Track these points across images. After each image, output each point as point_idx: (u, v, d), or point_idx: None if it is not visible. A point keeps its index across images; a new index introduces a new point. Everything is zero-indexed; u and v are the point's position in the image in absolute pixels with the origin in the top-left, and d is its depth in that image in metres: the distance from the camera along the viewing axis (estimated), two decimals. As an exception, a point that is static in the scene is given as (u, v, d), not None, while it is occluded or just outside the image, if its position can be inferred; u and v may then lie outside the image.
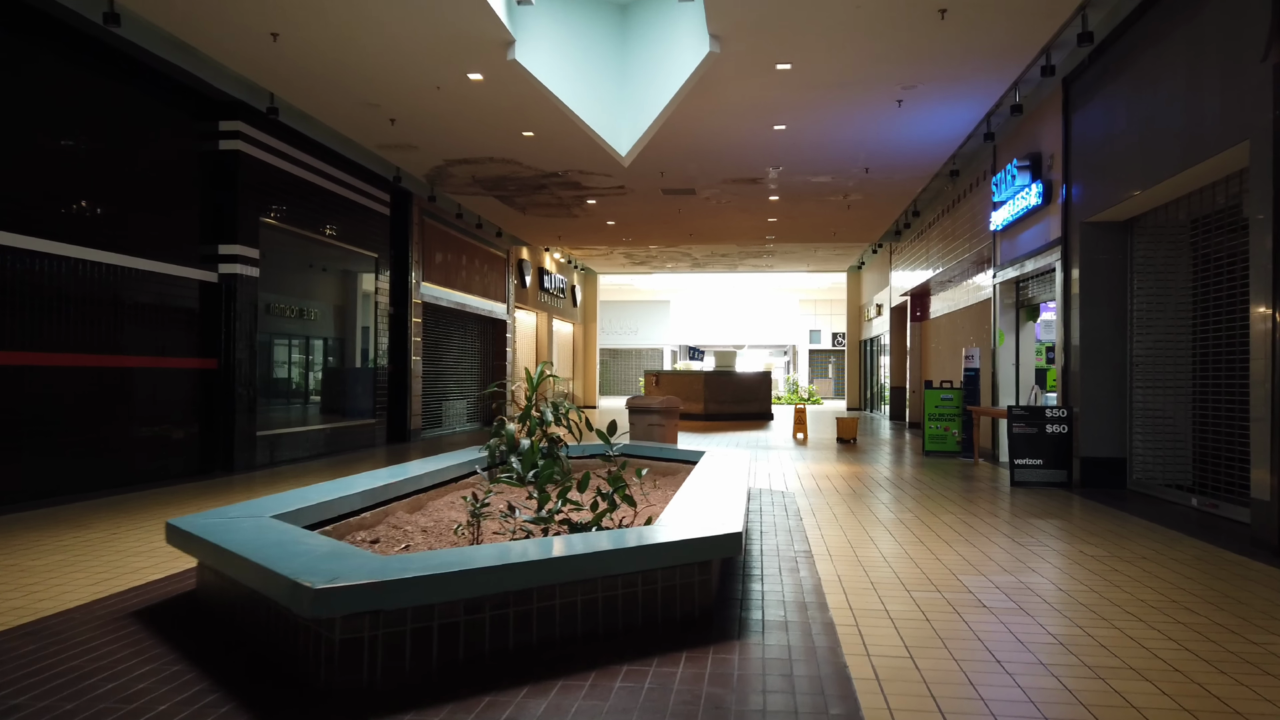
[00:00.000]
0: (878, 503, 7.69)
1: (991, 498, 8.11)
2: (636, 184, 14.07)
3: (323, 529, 4.67)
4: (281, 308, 10.99)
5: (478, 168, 13.02)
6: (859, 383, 28.35)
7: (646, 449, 8.51)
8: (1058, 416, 8.92)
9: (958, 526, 6.48)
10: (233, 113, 9.83)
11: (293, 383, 11.37)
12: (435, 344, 16.36)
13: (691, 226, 18.14)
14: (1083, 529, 6.44)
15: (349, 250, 12.61)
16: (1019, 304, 11.69)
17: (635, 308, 40.29)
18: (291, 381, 11.35)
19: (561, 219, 17.13)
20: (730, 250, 24.04)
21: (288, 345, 11.23)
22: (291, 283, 11.23)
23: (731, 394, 22.18)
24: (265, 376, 10.57)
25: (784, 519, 6.70)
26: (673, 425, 9.26)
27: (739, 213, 16.52)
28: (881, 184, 14.05)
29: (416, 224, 14.82)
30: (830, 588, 4.55)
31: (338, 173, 12.14)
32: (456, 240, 16.84)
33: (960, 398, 12.32)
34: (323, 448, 11.78)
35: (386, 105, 10.07)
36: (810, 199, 15.15)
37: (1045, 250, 9.88)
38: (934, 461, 11.56)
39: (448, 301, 16.34)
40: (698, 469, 6.91)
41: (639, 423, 9.29)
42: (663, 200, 15.36)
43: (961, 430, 12.09)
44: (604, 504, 4.57)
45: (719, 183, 13.95)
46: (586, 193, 14.68)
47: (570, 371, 29.41)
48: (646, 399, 9.28)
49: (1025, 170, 10.14)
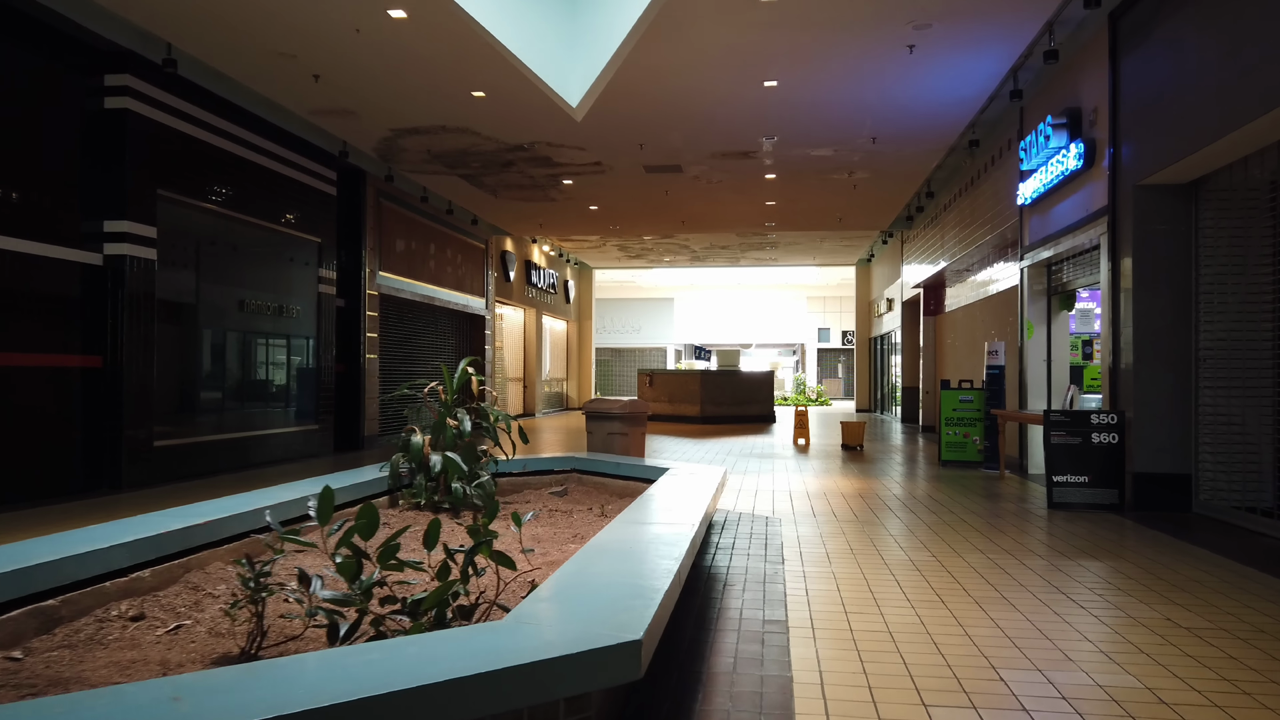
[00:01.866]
0: (885, 535, 6.10)
1: (1027, 526, 6.50)
2: (614, 159, 12.51)
3: (52, 597, 3.11)
4: (191, 298, 9.49)
5: (432, 140, 11.49)
6: (868, 383, 26.71)
7: (601, 463, 6.96)
8: (1106, 423, 7.30)
9: (990, 573, 4.89)
10: (120, 64, 8.32)
11: (206, 385, 9.85)
12: (398, 341, 14.85)
13: (683, 212, 16.57)
14: (1157, 576, 4.83)
15: (283, 233, 11.09)
16: (1050, 291, 10.06)
17: (638, 306, 38.81)
18: (204, 383, 9.83)
19: (539, 203, 15.59)
20: (730, 242, 22.44)
21: (201, 341, 9.72)
22: (206, 269, 9.72)
23: (731, 395, 20.59)
24: (168, 377, 9.06)
25: (760, 563, 5.12)
26: (638, 434, 7.70)
27: (733, 195, 14.93)
28: (891, 158, 12.44)
29: (372, 207, 13.30)
30: (807, 703, 2.97)
31: (267, 143, 10.63)
32: (423, 227, 15.32)
33: (982, 399, 10.70)
34: (246, 459, 10.26)
35: (305, 56, 8.54)
36: (811, 177, 13.55)
37: (1086, 224, 8.26)
38: (952, 474, 9.95)
39: (412, 294, 14.82)
40: (649, 494, 5.35)
41: (597, 431, 7.74)
42: (646, 180, 13.80)
43: (984, 437, 10.47)
44: (456, 569, 3.01)
45: (707, 157, 12.37)
46: (560, 170, 13.14)
47: (564, 372, 27.90)
48: (605, 403, 7.71)
49: (1061, 129, 8.52)
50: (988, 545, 5.69)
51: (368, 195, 13.14)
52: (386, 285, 13.83)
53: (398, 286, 14.26)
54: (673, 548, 3.51)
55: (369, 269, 13.20)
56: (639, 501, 4.98)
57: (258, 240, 10.62)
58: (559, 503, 6.41)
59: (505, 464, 6.82)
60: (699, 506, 4.83)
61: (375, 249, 13.42)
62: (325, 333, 12.08)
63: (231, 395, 10.22)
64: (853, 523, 6.53)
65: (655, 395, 21.24)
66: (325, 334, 12.08)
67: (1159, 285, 7.26)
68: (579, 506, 6.20)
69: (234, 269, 10.19)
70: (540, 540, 4.96)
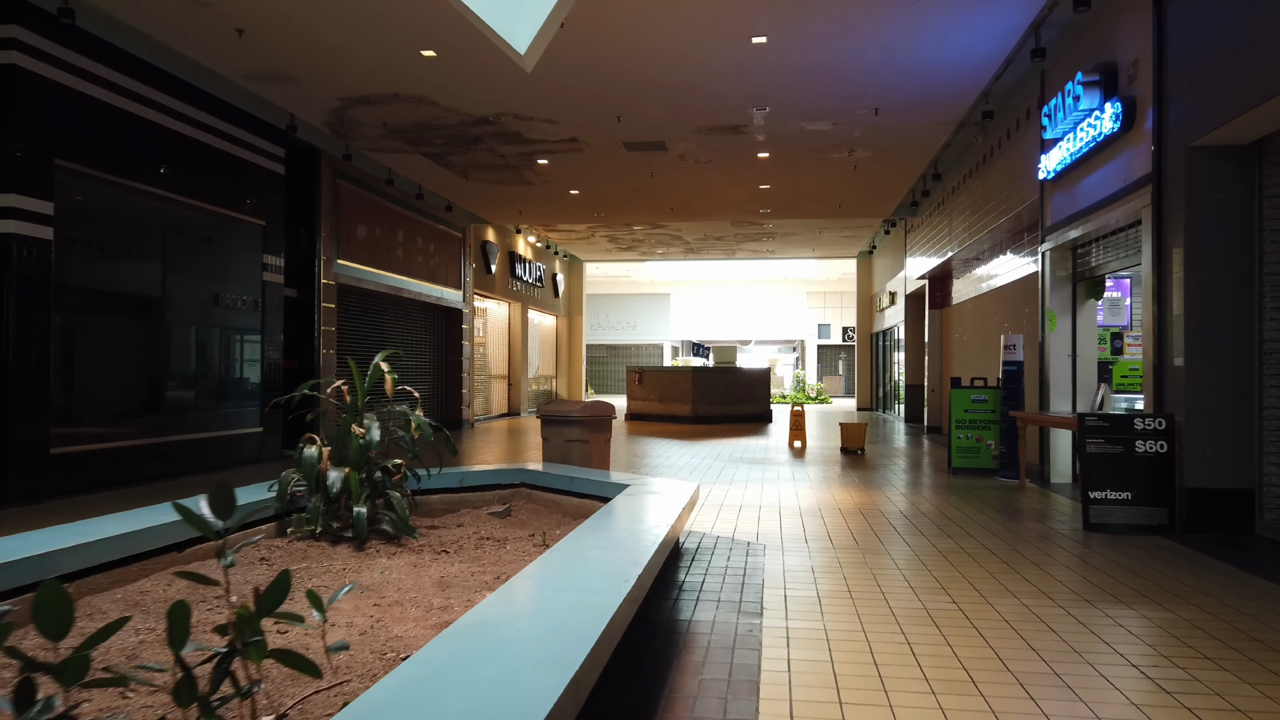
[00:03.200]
0: (891, 569, 4.97)
1: (1063, 556, 5.38)
2: (591, 135, 11.37)
3: None
4: (103, 284, 8.37)
5: (386, 111, 10.36)
6: (870, 380, 25.57)
7: (552, 477, 5.84)
8: (1152, 429, 6.17)
9: (1029, 629, 3.77)
10: (6, 14, 7.20)
11: (122, 383, 8.73)
12: (361, 335, 13.72)
13: (671, 197, 15.42)
14: (1247, 635, 3.71)
15: (220, 214, 9.97)
16: (1076, 276, 8.93)
17: (633, 301, 37.75)
18: (120, 382, 8.71)
19: (514, 187, 14.44)
20: (725, 232, 21.32)
21: (115, 333, 8.60)
22: (120, 251, 8.60)
23: (725, 393, 19.46)
24: (71, 375, 7.95)
25: (732, 614, 3.99)
26: (601, 442, 6.57)
27: (724, 177, 13.79)
28: (895, 134, 11.29)
29: (328, 188, 12.18)
30: None
31: (198, 113, 9.50)
32: (389, 212, 14.19)
33: (997, 400, 9.58)
34: (172, 467, 9.14)
35: (222, 4, 7.41)
36: (808, 156, 12.41)
37: (1123, 196, 7.12)
38: (965, 483, 8.82)
39: (377, 284, 13.70)
40: (597, 521, 4.24)
41: (553, 438, 6.60)
42: (629, 161, 12.67)
43: (1000, 441, 9.34)
44: (204, 682, 1.88)
45: (693, 132, 11.23)
46: (533, 148, 12.00)
47: (553, 369, 26.78)
48: (563, 405, 6.57)
49: (1093, 87, 7.38)
50: (1020, 585, 4.57)
51: (323, 176, 12.02)
52: (346, 274, 12.71)
53: (360, 276, 13.13)
54: (591, 621, 2.39)
55: (325, 256, 12.07)
56: (577, 534, 3.86)
57: (187, 221, 9.49)
58: (496, 526, 5.30)
59: (440, 478, 5.71)
60: (657, 535, 3.71)
61: (332, 235, 12.29)
62: (272, 325, 10.95)
63: (154, 395, 9.09)
64: (851, 551, 5.41)
65: (645, 394, 20.12)
66: (272, 326, 10.95)
67: (1216, 266, 6.13)
68: (518, 532, 5.08)
69: (156, 253, 9.06)
70: (448, 585, 3.85)
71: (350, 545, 4.58)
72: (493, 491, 5.98)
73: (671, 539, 4.16)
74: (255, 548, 4.45)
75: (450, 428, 16.96)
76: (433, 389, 16.83)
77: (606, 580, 2.93)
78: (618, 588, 2.85)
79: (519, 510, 5.79)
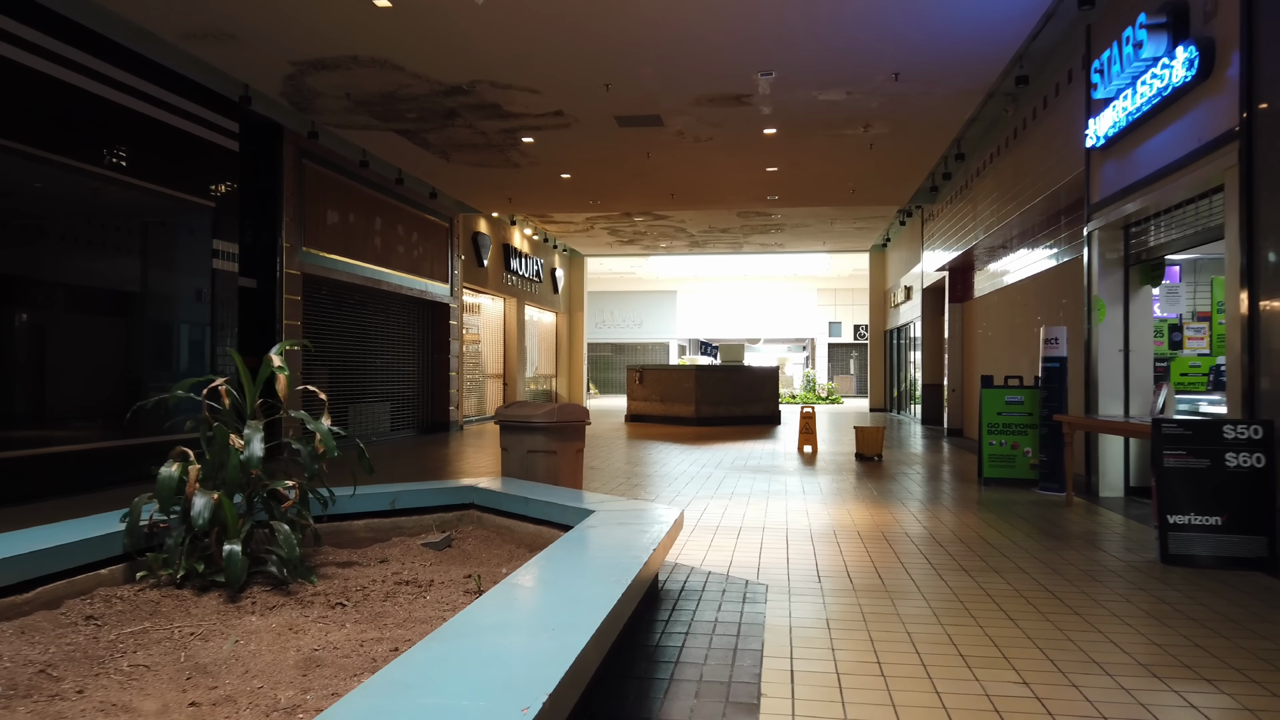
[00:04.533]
0: (930, 626, 3.84)
1: (1148, 600, 4.23)
2: (578, 107, 10.26)
3: None
4: (21, 271, 7.32)
5: (347, 79, 9.27)
6: (883, 380, 24.40)
7: (506, 497, 4.73)
8: (1247, 439, 5.01)
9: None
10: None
11: (29, 384, 7.67)
12: (334, 330, 12.66)
13: (670, 181, 14.30)
14: None
15: (162, 194, 8.90)
16: (1129, 260, 7.77)
17: (638, 299, 36.74)
18: (44, 382, 7.65)
19: (499, 169, 13.34)
20: (731, 224, 20.19)
21: (23, 327, 7.55)
22: (42, 234, 7.54)
23: (730, 393, 18.33)
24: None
25: (715, 705, 2.86)
26: (571, 453, 5.45)
27: (728, 158, 12.66)
28: (916, 105, 10.14)
29: (292, 169, 11.11)
30: None
31: (128, 77, 8.44)
32: (365, 197, 13.12)
33: (1036, 401, 8.43)
34: (83, 481, 8.08)
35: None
36: (819, 132, 11.27)
37: (1197, 159, 5.96)
38: (1001, 496, 7.67)
39: (351, 275, 12.63)
40: (547, 558, 3.14)
41: (514, 447, 5.48)
42: (622, 139, 11.55)
43: (1040, 448, 8.19)
44: None
45: (691, 103, 10.10)
46: (515, 123, 10.89)
47: (552, 368, 25.71)
48: (524, 409, 5.45)
49: (1159, 31, 6.22)
50: (1106, 651, 3.43)
51: (285, 155, 10.95)
52: (314, 264, 11.63)
53: (331, 266, 12.06)
54: None
55: (288, 244, 11.00)
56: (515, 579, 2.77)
57: (122, 201, 8.43)
58: (428, 562, 4.20)
59: (366, 498, 4.63)
60: (607, 599, 2.60)
61: (297, 220, 11.22)
62: (224, 319, 9.88)
63: (73, 398, 8.03)
64: (877, 595, 4.27)
65: (646, 394, 19.01)
66: (224, 320, 9.88)
67: (1325, 237, 4.97)
68: (451, 571, 3.98)
69: (85, 236, 8.00)
70: (316, 666, 2.75)
71: (221, 594, 3.48)
72: (434, 515, 4.87)
73: (642, 584, 3.06)
74: (86, 600, 3.36)
75: (437, 430, 15.89)
76: (417, 389, 15.76)
77: (532, 666, 1.85)
78: (543, 679, 1.77)
79: (464, 538, 4.69)
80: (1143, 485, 7.63)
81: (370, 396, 13.80)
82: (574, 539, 3.64)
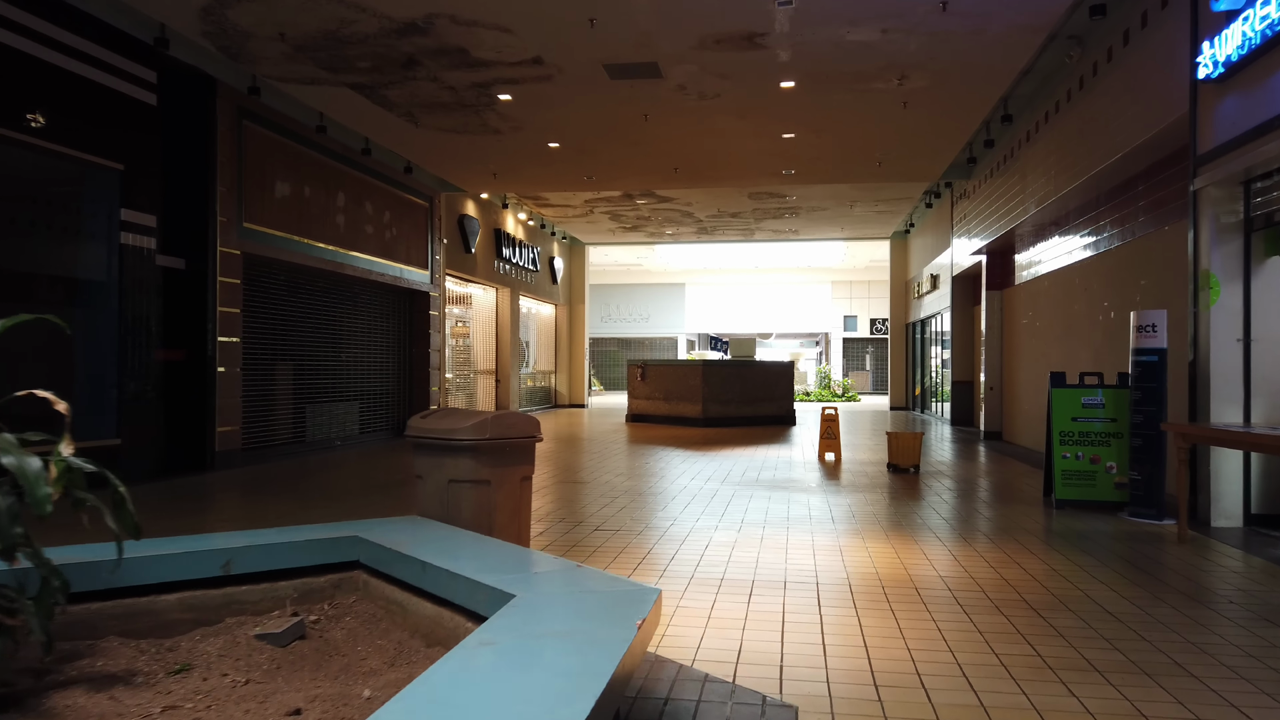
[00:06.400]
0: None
1: None
2: (559, 54, 8.63)
3: None
4: None
5: (276, 11, 7.65)
6: (905, 376, 22.69)
7: (403, 558, 3.10)
8: None
9: None
10: None
11: None
12: (286, 320, 11.07)
13: (673, 152, 12.64)
14: None
15: (49, 151, 7.33)
16: (1251, 224, 6.09)
17: (646, 291, 35.18)
18: None
19: (476, 136, 11.70)
20: (742, 207, 18.52)
21: None
22: None
23: (740, 391, 16.68)
24: None
25: None
26: (513, 483, 3.80)
27: (737, 122, 10.99)
28: (964, 47, 8.45)
29: (229, 130, 9.52)
30: None
31: (8, 9, 6.86)
32: (323, 168, 11.53)
33: (1124, 404, 6.76)
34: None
35: None
36: (845, 86, 9.59)
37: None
38: (1083, 526, 6.02)
39: (308, 257, 11.04)
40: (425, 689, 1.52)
41: (431, 474, 3.85)
42: (614, 95, 9.91)
43: (1130, 463, 6.51)
44: None
45: (693, 46, 8.45)
46: (487, 74, 9.26)
47: (551, 363, 24.12)
48: (445, 419, 3.79)
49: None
50: None
51: (220, 113, 9.36)
52: (259, 242, 10.05)
53: (281, 245, 10.47)
54: None
55: (223, 217, 9.42)
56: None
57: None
58: (256, 669, 2.59)
59: (186, 560, 3.03)
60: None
61: (235, 190, 9.63)
62: (138, 304, 8.32)
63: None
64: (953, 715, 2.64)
65: (649, 392, 17.39)
66: (138, 306, 8.31)
67: None
68: (280, 700, 2.37)
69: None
70: None
71: None
72: (297, 581, 3.26)
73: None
74: None
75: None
76: (393, 386, 14.18)
77: None
78: None
79: (334, 620, 3.08)
80: (1270, 513, 5.97)
81: (334, 395, 12.22)
82: (495, 636, 2.03)
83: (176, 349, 9.06)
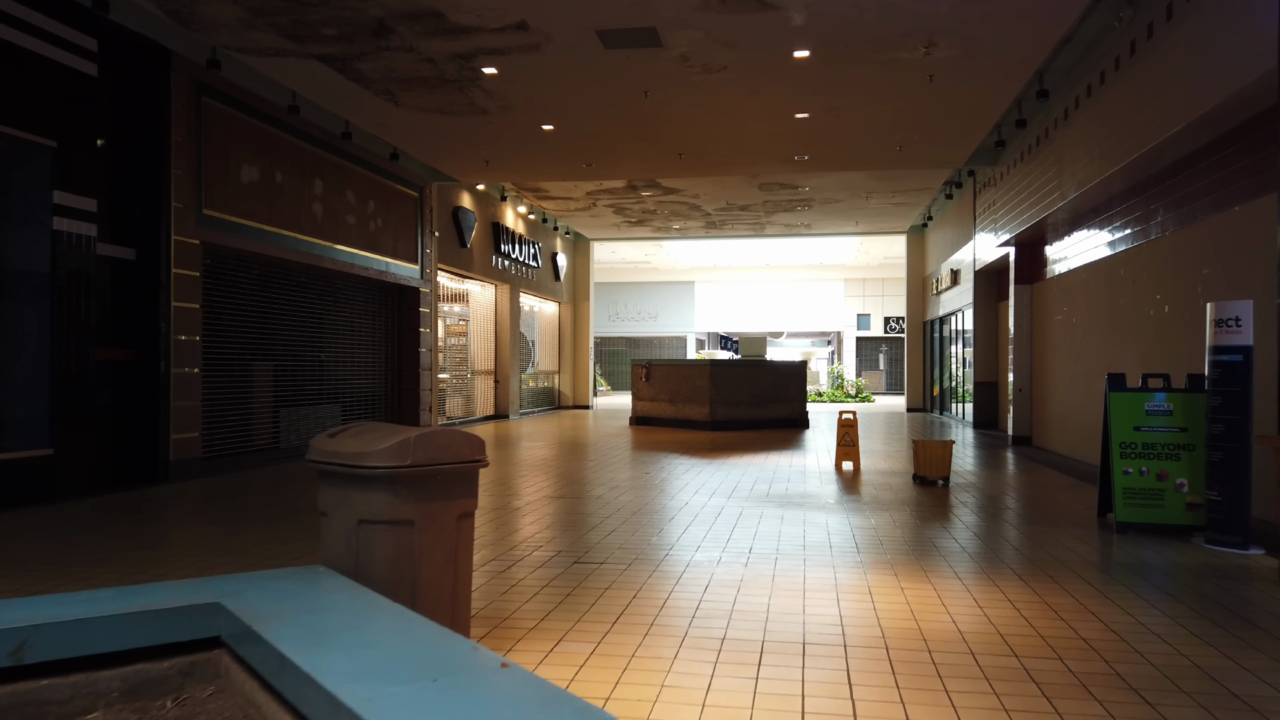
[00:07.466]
0: None
1: None
2: (546, 15, 7.70)
3: None
4: None
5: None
6: (922, 376, 21.69)
7: (261, 645, 2.20)
8: None
9: None
10: None
11: None
12: (255, 316, 10.18)
13: (676, 135, 11.70)
14: None
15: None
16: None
17: (654, 290, 34.35)
18: None
19: (466, 119, 10.80)
20: (752, 199, 17.56)
21: None
22: None
23: (750, 392, 15.73)
24: None
25: None
26: (447, 524, 2.90)
27: (746, 99, 10.04)
28: (999, 9, 7.48)
29: (185, 107, 8.64)
30: None
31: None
32: (298, 152, 10.65)
33: (1198, 410, 5.80)
34: None
35: None
36: (866, 55, 8.63)
37: None
38: (1154, 558, 5.06)
39: (279, 249, 10.15)
40: None
41: (337, 511, 2.94)
42: (610, 69, 8.98)
43: (1208, 481, 5.54)
44: None
45: (697, 9, 7.51)
46: (468, 43, 8.35)
47: (554, 363, 23.22)
48: (357, 440, 2.90)
49: None
50: None
51: (175, 88, 8.48)
52: (222, 231, 9.17)
53: (248, 235, 9.59)
54: None
55: (179, 203, 8.54)
56: None
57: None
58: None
59: None
60: None
61: (193, 174, 8.76)
62: (74, 297, 7.45)
63: None
64: None
65: (653, 393, 16.46)
66: (74, 299, 7.45)
67: None
68: None
69: None
70: None
71: None
72: (129, 668, 2.35)
73: None
74: None
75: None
76: (380, 387, 13.30)
77: None
78: None
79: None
80: (1383, 543, 5.00)
81: (313, 398, 11.34)
82: None
83: (125, 348, 8.19)
